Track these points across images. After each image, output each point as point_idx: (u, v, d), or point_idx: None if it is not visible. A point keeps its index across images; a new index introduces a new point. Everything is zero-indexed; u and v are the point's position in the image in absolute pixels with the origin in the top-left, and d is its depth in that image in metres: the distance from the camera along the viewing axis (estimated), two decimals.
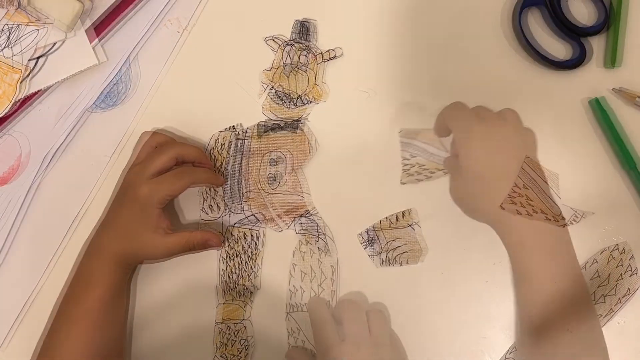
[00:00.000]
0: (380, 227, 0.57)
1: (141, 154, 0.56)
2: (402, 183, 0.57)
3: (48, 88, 0.59)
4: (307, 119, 0.58)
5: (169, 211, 0.58)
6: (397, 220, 0.57)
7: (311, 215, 0.57)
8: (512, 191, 0.56)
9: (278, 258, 0.58)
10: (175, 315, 0.57)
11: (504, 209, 0.49)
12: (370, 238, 0.57)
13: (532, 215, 0.55)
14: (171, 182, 0.52)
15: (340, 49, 0.59)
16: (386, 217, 0.57)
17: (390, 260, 0.56)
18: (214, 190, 0.58)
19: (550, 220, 0.55)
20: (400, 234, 0.57)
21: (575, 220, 0.56)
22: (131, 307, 0.57)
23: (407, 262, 0.57)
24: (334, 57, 0.58)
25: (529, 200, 0.56)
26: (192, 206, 0.58)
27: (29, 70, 0.58)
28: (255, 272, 0.57)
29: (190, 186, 0.53)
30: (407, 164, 0.57)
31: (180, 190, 0.53)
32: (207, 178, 0.55)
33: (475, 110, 0.52)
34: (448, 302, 0.57)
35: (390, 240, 0.57)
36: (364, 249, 0.57)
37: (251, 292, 0.57)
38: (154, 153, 0.54)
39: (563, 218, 0.55)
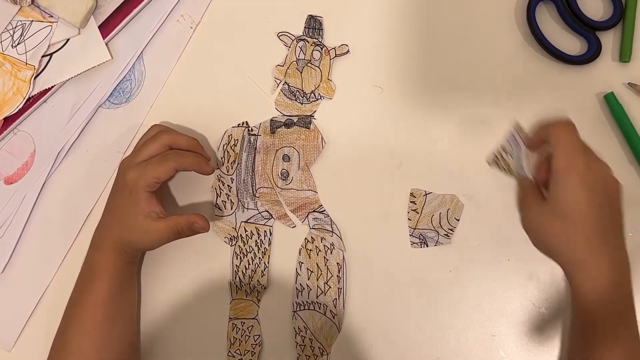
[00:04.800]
0: None
1: (139, 145, 0.55)
2: (487, 163, 0.54)
3: (62, 84, 0.59)
4: (313, 116, 0.58)
5: (183, 208, 0.58)
6: None
7: (324, 210, 0.57)
8: None
9: (284, 256, 0.58)
10: (189, 310, 0.58)
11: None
12: None
13: None
14: (156, 164, 0.51)
15: (347, 45, 0.59)
16: None
17: None
18: (228, 186, 0.58)
19: None
20: None
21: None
22: (145, 302, 0.58)
23: None
24: (347, 52, 0.58)
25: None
26: (205, 203, 0.58)
27: (42, 67, 0.58)
28: (262, 270, 0.57)
29: (178, 170, 0.52)
30: (500, 153, 0.53)
31: (165, 173, 0.51)
32: (194, 163, 0.53)
33: (579, 139, 0.47)
34: (458, 300, 0.56)
35: None
36: None
37: (263, 289, 0.57)
38: (147, 140, 0.54)
39: None
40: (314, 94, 0.58)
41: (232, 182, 0.58)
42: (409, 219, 0.57)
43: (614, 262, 0.46)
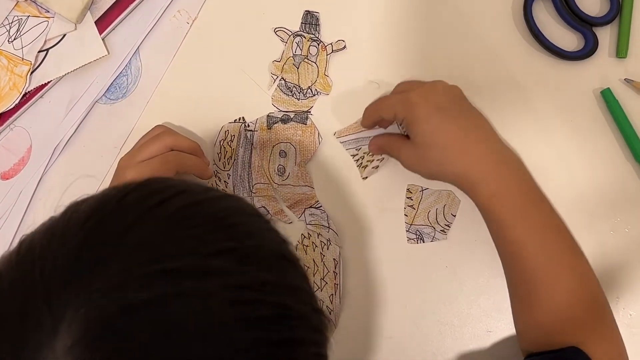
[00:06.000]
0: None
1: (139, 144, 0.55)
2: (364, 178, 0.57)
3: (58, 80, 0.59)
4: (310, 112, 0.58)
5: None
6: None
7: (320, 206, 0.57)
8: None
9: None
10: None
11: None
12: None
13: None
14: (157, 165, 0.51)
15: (343, 41, 0.59)
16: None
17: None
18: (224, 182, 0.58)
19: None
20: None
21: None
22: None
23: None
24: (344, 47, 0.58)
25: None
26: None
27: (38, 62, 0.58)
28: None
29: (178, 172, 0.52)
30: (358, 159, 0.57)
31: (166, 174, 0.51)
32: (195, 165, 0.54)
33: (399, 90, 0.53)
34: (454, 296, 0.56)
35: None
36: None
37: None
38: (149, 140, 0.54)
39: None
40: (311, 90, 0.58)
41: (228, 178, 0.58)
42: (405, 214, 0.57)
43: (496, 154, 0.49)
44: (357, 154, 0.58)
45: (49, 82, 0.59)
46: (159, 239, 0.30)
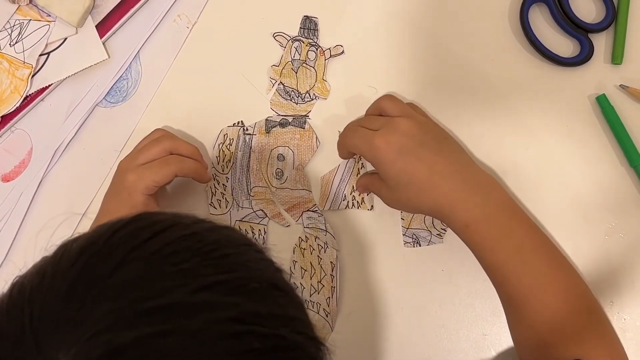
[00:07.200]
0: None
1: (139, 147, 0.56)
2: (371, 208, 0.58)
3: (59, 83, 0.59)
4: (308, 116, 0.59)
5: (178, 205, 0.59)
6: None
7: (318, 210, 0.58)
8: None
9: (278, 255, 0.57)
10: None
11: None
12: None
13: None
14: (157, 169, 0.52)
15: (341, 46, 0.59)
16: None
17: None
18: (223, 185, 0.58)
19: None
20: None
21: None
22: None
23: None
24: (342, 52, 0.59)
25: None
26: (200, 201, 0.59)
27: (39, 65, 0.59)
28: None
29: (177, 175, 0.53)
30: (352, 202, 0.58)
31: (165, 177, 0.52)
32: (194, 169, 0.54)
33: (365, 125, 0.52)
34: (450, 299, 0.57)
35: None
36: None
37: None
38: (149, 144, 0.54)
39: None
40: (309, 94, 0.59)
41: (227, 181, 0.58)
42: (402, 218, 0.58)
43: (465, 183, 0.50)
44: (347, 200, 0.58)
45: (49, 86, 0.59)
46: (146, 277, 0.30)
